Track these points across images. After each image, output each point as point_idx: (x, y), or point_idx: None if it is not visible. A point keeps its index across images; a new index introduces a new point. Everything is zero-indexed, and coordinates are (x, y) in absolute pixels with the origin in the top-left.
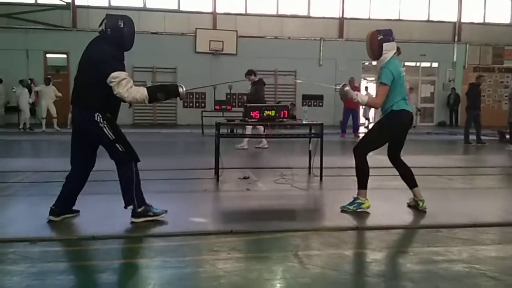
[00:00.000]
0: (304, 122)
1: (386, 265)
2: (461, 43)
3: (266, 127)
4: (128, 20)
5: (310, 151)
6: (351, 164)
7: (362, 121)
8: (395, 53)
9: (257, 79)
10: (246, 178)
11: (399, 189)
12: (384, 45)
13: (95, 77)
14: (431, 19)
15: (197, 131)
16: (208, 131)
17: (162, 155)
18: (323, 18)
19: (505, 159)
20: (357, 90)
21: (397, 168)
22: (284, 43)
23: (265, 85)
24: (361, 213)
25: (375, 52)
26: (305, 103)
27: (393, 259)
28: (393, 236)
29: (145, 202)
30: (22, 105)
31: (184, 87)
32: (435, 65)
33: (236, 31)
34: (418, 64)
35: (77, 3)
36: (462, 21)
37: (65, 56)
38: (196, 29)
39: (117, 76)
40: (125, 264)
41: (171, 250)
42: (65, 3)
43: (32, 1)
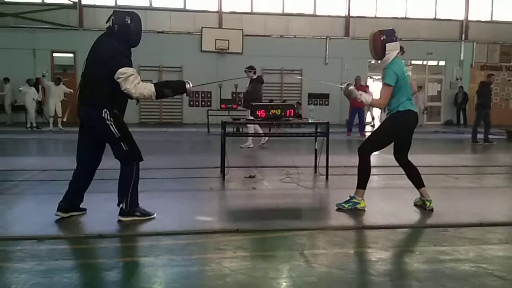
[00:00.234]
0: (310, 121)
1: (392, 264)
2: (468, 41)
3: (271, 126)
4: (135, 16)
5: (316, 150)
6: (356, 163)
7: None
8: (398, 53)
9: (255, 76)
10: (252, 177)
11: (406, 188)
12: (387, 45)
13: (103, 74)
14: (438, 17)
15: (203, 130)
16: (214, 130)
17: (168, 154)
18: (329, 16)
19: None
20: (364, 89)
21: (404, 168)
22: (290, 41)
23: (263, 83)
24: (367, 212)
25: (378, 52)
26: (311, 102)
27: (399, 258)
28: (400, 235)
29: (137, 203)
30: (27, 104)
31: (191, 83)
32: (442, 63)
33: (242, 30)
34: (425, 62)
35: (84, 2)
36: (469, 19)
37: (72, 55)
38: (202, 28)
39: (124, 72)
40: (132, 262)
41: (177, 248)
42: (72, 3)
43: (39, 1)
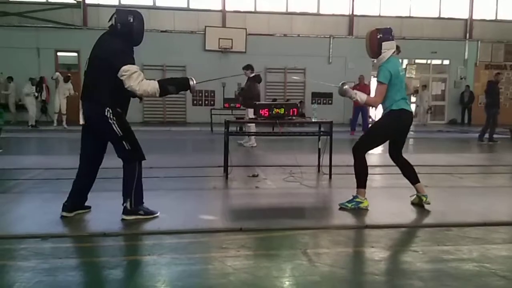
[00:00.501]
0: (313, 120)
1: (395, 264)
2: (473, 40)
3: (275, 125)
4: (137, 15)
5: (319, 149)
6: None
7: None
8: (394, 52)
9: (252, 75)
10: (255, 176)
11: (409, 188)
12: (383, 43)
13: (106, 72)
14: (442, 16)
15: (206, 129)
16: (217, 129)
17: (171, 153)
18: (333, 15)
19: None
20: (367, 88)
21: (399, 166)
22: (293, 40)
23: (260, 82)
24: (370, 211)
25: (374, 50)
26: (314, 101)
27: (402, 258)
28: (403, 234)
29: (141, 201)
30: (26, 103)
31: (194, 80)
32: (446, 62)
33: (245, 29)
34: (429, 61)
35: (88, 1)
36: (473, 18)
37: (76, 54)
38: (205, 27)
39: (128, 69)
40: (135, 260)
41: (180, 247)
42: (76, 2)
43: (43, 0)
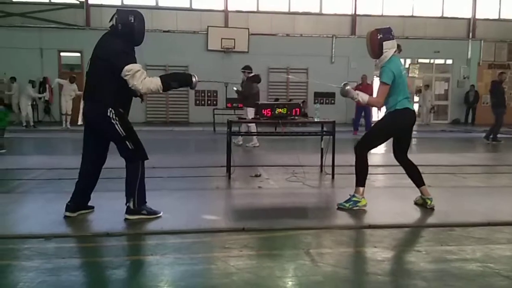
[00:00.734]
0: (316, 119)
1: (398, 264)
2: (476, 39)
3: (277, 125)
4: (138, 15)
5: (322, 149)
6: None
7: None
8: (395, 51)
9: (250, 75)
10: (257, 176)
11: (412, 187)
12: (384, 43)
13: (108, 72)
14: (445, 15)
15: (209, 129)
16: (219, 129)
17: (174, 153)
18: (335, 15)
19: None
20: (370, 87)
21: (404, 167)
22: (296, 40)
23: (258, 82)
24: (373, 211)
25: (375, 51)
26: (317, 101)
27: (406, 258)
28: (406, 234)
29: (144, 201)
30: (22, 104)
31: (197, 77)
32: (449, 62)
33: (247, 29)
34: (432, 61)
35: (91, 2)
36: (476, 17)
37: (78, 54)
38: (208, 27)
39: (131, 68)
40: (138, 260)
41: (183, 247)
42: (79, 2)
43: (46, 0)
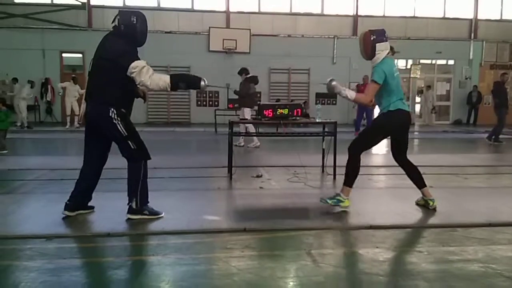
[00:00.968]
0: (317, 120)
1: (400, 265)
2: (478, 40)
3: (279, 125)
4: (140, 16)
5: (323, 150)
6: (363, 162)
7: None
8: (388, 53)
9: (248, 76)
10: (259, 176)
11: (414, 188)
12: (377, 45)
13: (111, 73)
14: (447, 16)
15: (211, 130)
16: (221, 130)
17: (176, 153)
18: (337, 15)
19: None
20: None
21: (404, 169)
22: (297, 41)
23: (256, 83)
24: (374, 212)
25: (368, 52)
26: (318, 101)
27: (407, 259)
28: (408, 235)
29: (147, 201)
30: (20, 104)
31: (206, 81)
32: (451, 62)
33: (249, 30)
34: (433, 61)
35: (93, 3)
36: (478, 17)
37: (80, 55)
38: (209, 28)
39: (136, 65)
40: (140, 260)
41: (185, 247)
42: (81, 3)
43: (48, 2)
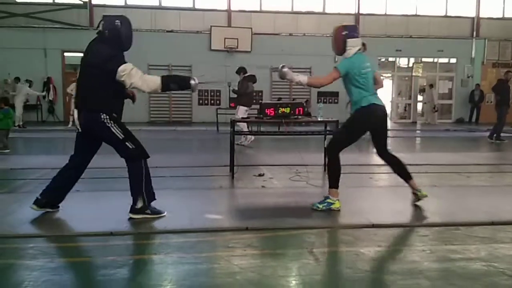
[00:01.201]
0: (319, 119)
1: (402, 263)
2: (480, 38)
3: (281, 124)
4: (125, 20)
5: (325, 148)
6: (365, 161)
7: None
8: (359, 49)
9: (246, 75)
10: (261, 175)
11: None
12: (348, 40)
13: (99, 78)
14: (449, 14)
15: (212, 129)
16: (223, 129)
17: (178, 152)
18: (339, 14)
19: None
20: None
21: (388, 164)
22: (299, 40)
23: (254, 82)
24: (376, 210)
25: (339, 47)
26: (320, 100)
27: (410, 257)
28: (410, 233)
29: (154, 198)
30: (16, 103)
31: (197, 80)
32: (453, 61)
33: (250, 28)
34: (435, 60)
35: (94, 2)
36: (480, 16)
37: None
38: (211, 26)
39: (125, 68)
40: (142, 259)
41: (187, 246)
42: (82, 2)
43: (49, 1)
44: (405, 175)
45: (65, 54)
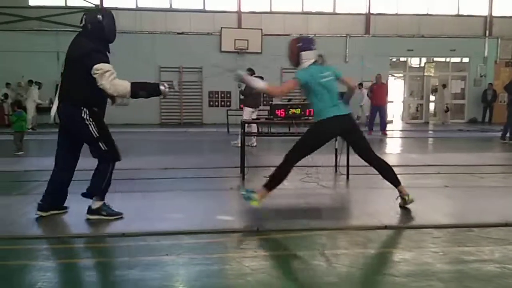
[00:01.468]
0: None
1: (415, 265)
2: (493, 37)
3: (291, 125)
4: (107, 13)
5: (336, 149)
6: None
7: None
8: (315, 62)
9: (253, 76)
10: None
11: (429, 188)
12: (302, 53)
13: (79, 73)
14: (461, 13)
15: (223, 130)
16: (233, 130)
17: (188, 154)
18: (349, 14)
19: None
20: (384, 87)
21: (375, 168)
22: None
23: None
24: (388, 212)
25: (294, 59)
26: None
27: (422, 259)
28: (423, 235)
29: (103, 198)
30: (28, 105)
31: (166, 85)
32: (466, 60)
33: (261, 30)
34: (448, 59)
35: (106, 5)
36: (493, 14)
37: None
38: (221, 28)
39: (100, 68)
40: (154, 260)
41: (198, 247)
42: (94, 5)
43: (62, 4)
44: (394, 181)
45: None
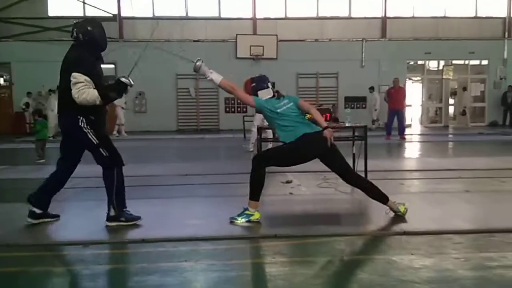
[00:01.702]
0: (347, 124)
1: (436, 271)
2: None
3: None
4: (95, 22)
5: (354, 154)
6: (396, 167)
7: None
8: (273, 97)
9: None
10: (288, 182)
11: (449, 193)
12: (259, 93)
13: (70, 82)
14: (479, 15)
15: (239, 136)
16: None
17: (206, 160)
18: (365, 18)
19: None
20: (402, 90)
21: (361, 189)
22: (325, 45)
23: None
24: (408, 217)
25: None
26: (347, 105)
27: (444, 265)
28: (443, 241)
29: (124, 207)
30: (48, 114)
31: (125, 76)
32: (485, 62)
33: (276, 36)
34: (467, 62)
35: (123, 14)
36: None
37: (113, 66)
38: (236, 35)
39: (75, 77)
40: (173, 266)
41: (216, 253)
42: (112, 15)
43: (80, 14)
44: (381, 198)
45: None
